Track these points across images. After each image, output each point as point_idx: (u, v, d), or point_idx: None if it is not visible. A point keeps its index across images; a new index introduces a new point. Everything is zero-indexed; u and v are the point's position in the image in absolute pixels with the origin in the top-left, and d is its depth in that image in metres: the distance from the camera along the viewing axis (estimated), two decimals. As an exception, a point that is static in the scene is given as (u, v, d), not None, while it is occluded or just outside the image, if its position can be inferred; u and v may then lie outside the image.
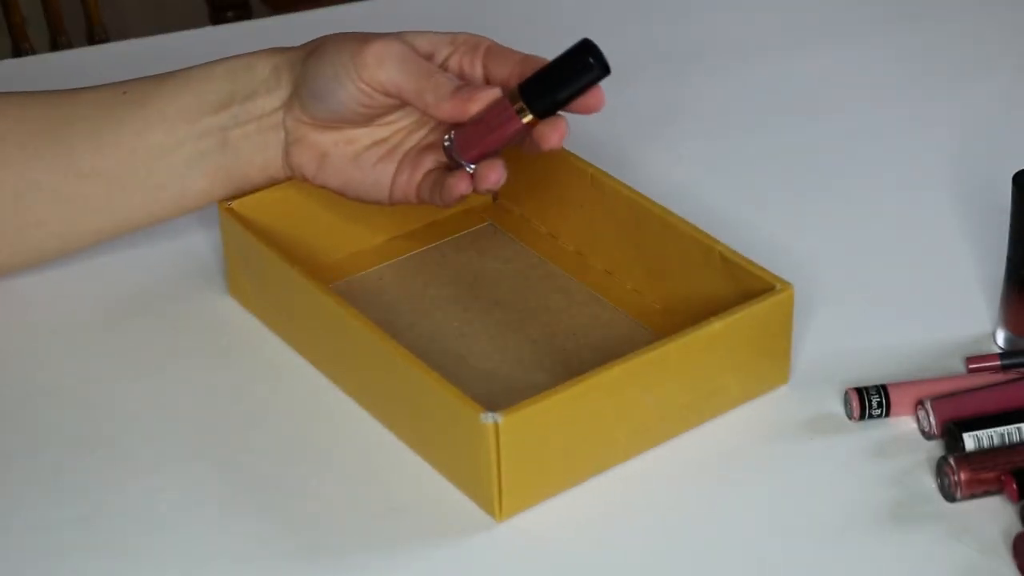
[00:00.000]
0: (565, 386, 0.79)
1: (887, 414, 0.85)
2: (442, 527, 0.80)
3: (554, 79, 0.83)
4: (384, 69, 0.86)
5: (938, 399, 0.83)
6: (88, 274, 0.97)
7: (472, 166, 0.85)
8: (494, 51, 0.87)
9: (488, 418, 0.77)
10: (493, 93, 0.84)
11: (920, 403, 0.84)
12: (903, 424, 0.85)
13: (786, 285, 0.85)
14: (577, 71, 0.82)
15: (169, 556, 0.78)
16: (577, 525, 0.80)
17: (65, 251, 0.93)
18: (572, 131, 0.90)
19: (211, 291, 0.96)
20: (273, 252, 0.89)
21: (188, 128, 0.91)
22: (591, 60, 0.82)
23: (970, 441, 0.81)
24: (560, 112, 0.84)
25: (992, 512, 0.79)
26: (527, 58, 0.86)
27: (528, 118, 0.84)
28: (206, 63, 0.92)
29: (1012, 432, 0.82)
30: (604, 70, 0.82)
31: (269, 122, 0.90)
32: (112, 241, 0.96)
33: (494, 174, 0.84)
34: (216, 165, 0.91)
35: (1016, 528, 0.78)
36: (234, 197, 0.92)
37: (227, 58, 0.92)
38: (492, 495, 0.79)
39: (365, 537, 0.79)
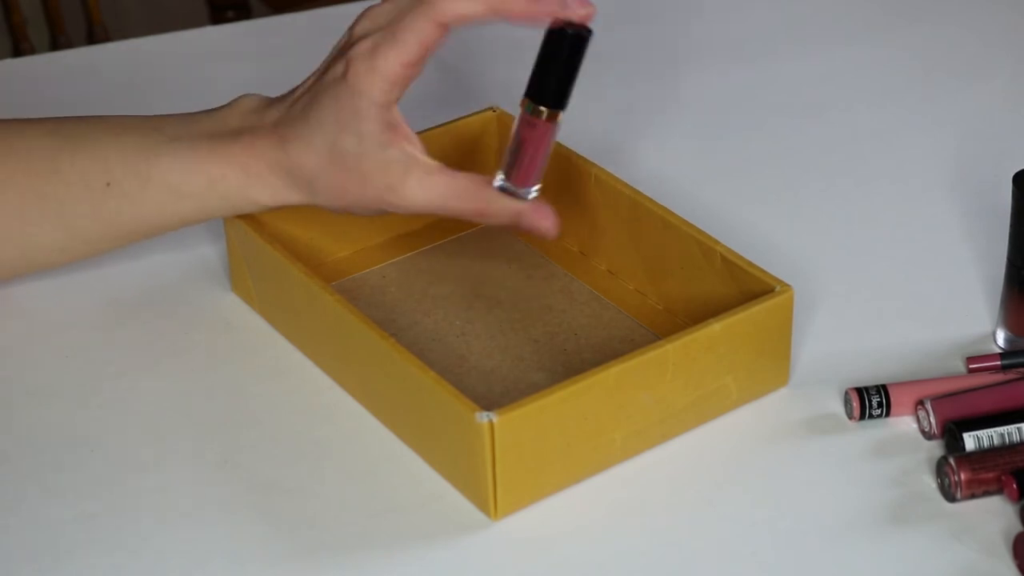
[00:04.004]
0: (561, 386, 0.79)
1: (887, 414, 0.85)
2: (439, 526, 0.80)
3: (551, 69, 0.83)
4: (430, 207, 0.85)
5: (938, 399, 0.84)
6: (89, 272, 0.97)
7: (533, 190, 0.85)
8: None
9: (483, 417, 0.77)
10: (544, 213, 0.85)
11: (920, 403, 0.84)
12: (903, 424, 0.85)
13: (786, 287, 0.85)
14: (565, 47, 0.83)
15: (169, 556, 0.78)
16: (573, 525, 0.80)
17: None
18: (574, 131, 0.91)
19: (214, 288, 0.96)
20: (276, 250, 0.89)
21: (194, 221, 0.90)
22: (569, 32, 0.82)
23: (970, 441, 0.81)
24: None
25: (992, 512, 0.79)
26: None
27: (554, 114, 0.84)
28: (180, 157, 0.88)
29: (1012, 432, 0.82)
30: (588, 31, 0.83)
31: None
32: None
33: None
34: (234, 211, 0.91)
35: (1016, 528, 0.78)
36: None
37: (204, 162, 0.88)
38: (487, 494, 0.79)
39: (363, 536, 0.79)
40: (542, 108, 0.84)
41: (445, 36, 0.84)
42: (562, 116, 0.84)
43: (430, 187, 0.84)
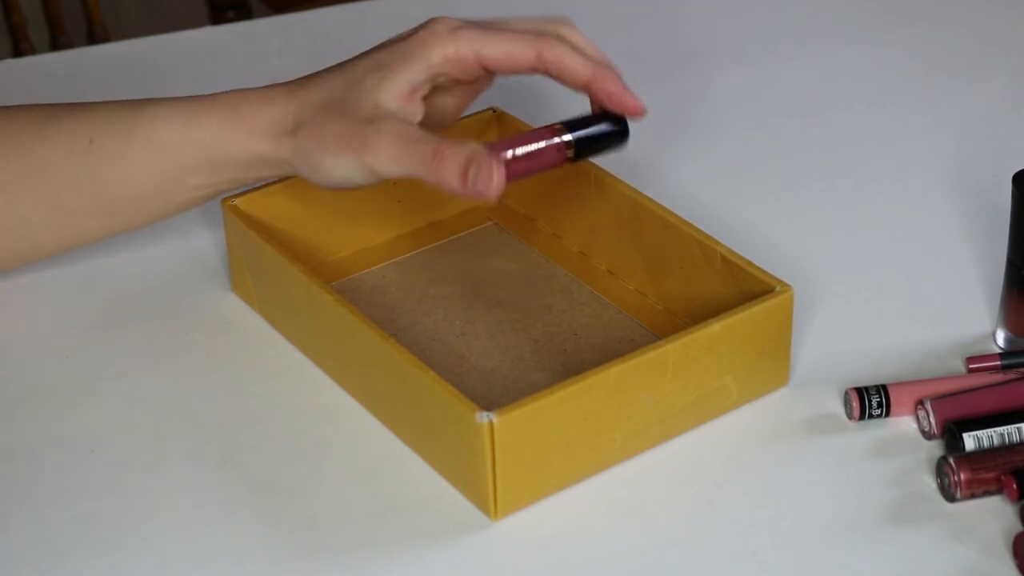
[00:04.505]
0: (561, 386, 0.79)
1: (887, 414, 0.85)
2: (439, 526, 0.80)
3: (595, 130, 0.86)
4: (394, 168, 0.83)
5: (938, 399, 0.84)
6: (89, 271, 0.97)
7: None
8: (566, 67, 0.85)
9: (483, 417, 0.77)
10: (499, 172, 0.82)
11: (920, 403, 0.84)
12: (903, 424, 0.85)
13: (786, 287, 0.85)
14: (616, 127, 0.86)
15: (169, 556, 0.78)
16: (573, 525, 0.80)
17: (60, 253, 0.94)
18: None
19: (214, 288, 0.96)
20: (275, 250, 0.89)
21: (175, 185, 0.88)
22: (624, 121, 0.86)
23: (970, 441, 0.81)
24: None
25: (992, 512, 0.79)
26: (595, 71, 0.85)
27: (571, 152, 0.85)
28: (165, 107, 0.88)
29: (1012, 432, 0.82)
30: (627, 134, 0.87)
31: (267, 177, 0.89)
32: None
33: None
34: (218, 193, 0.90)
35: (1016, 528, 0.78)
36: None
37: (189, 108, 0.87)
38: (487, 494, 0.79)
39: (363, 536, 0.79)
40: (569, 139, 0.85)
41: (530, 73, 0.85)
42: (567, 162, 0.85)
43: (401, 129, 0.82)
